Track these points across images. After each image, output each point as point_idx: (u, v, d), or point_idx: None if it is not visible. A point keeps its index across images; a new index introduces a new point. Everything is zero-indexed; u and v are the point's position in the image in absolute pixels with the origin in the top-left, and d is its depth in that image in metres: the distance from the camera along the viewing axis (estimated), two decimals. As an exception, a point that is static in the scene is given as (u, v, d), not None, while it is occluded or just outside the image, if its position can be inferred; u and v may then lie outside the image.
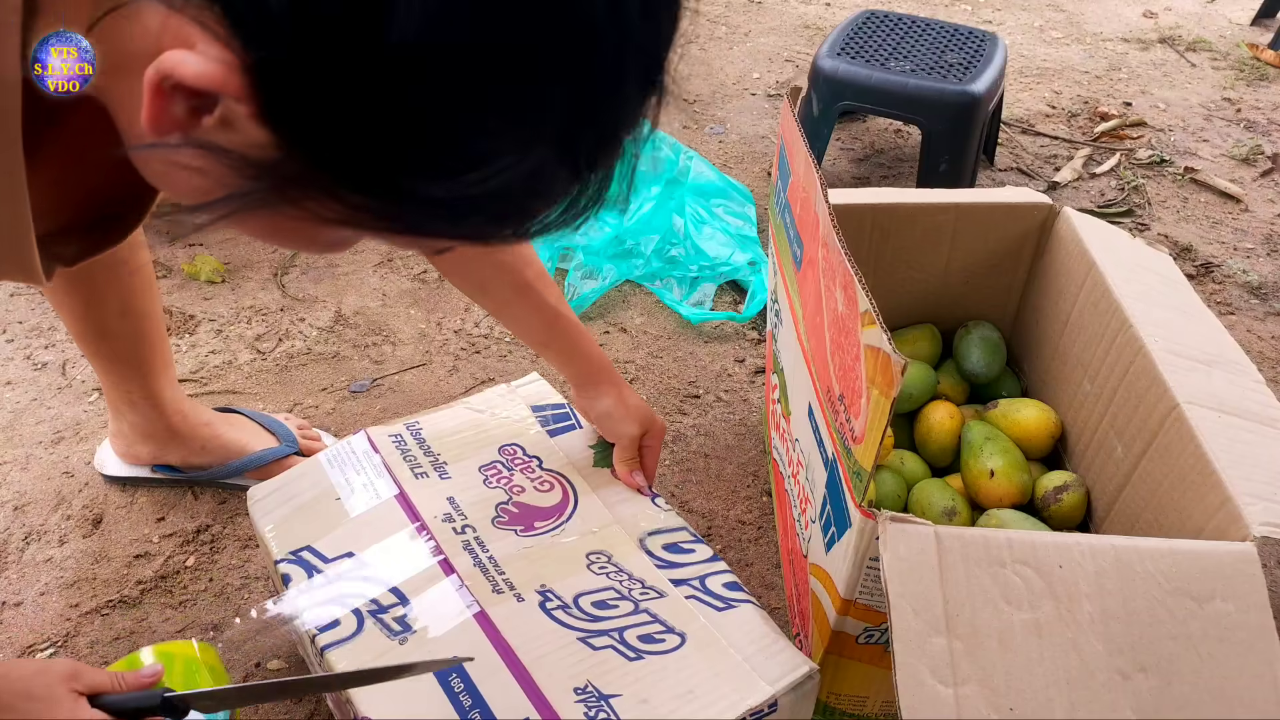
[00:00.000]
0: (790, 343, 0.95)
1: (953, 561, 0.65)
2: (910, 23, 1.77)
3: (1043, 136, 1.97)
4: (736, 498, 1.18)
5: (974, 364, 1.10)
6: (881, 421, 0.64)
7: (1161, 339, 0.85)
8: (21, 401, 1.26)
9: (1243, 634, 0.63)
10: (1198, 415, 0.78)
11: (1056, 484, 0.96)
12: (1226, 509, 0.71)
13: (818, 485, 0.83)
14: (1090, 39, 2.39)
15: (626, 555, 0.85)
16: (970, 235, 1.07)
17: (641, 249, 1.51)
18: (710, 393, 1.33)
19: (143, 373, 1.03)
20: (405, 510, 0.89)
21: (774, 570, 1.10)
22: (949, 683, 0.62)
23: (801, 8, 2.45)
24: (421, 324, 1.42)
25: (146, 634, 1.00)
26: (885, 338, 0.63)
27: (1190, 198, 1.81)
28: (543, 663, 0.76)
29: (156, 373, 1.04)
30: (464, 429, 0.98)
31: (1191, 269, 1.62)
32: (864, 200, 1.04)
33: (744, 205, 1.61)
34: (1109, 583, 0.65)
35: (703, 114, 1.97)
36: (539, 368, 1.35)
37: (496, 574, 0.83)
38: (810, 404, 0.86)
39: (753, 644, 0.78)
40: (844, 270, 0.72)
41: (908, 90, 1.57)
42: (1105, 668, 0.63)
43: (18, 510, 1.12)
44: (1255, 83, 2.22)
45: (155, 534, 1.10)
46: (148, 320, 1.01)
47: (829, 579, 0.78)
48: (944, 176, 1.60)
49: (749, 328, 1.44)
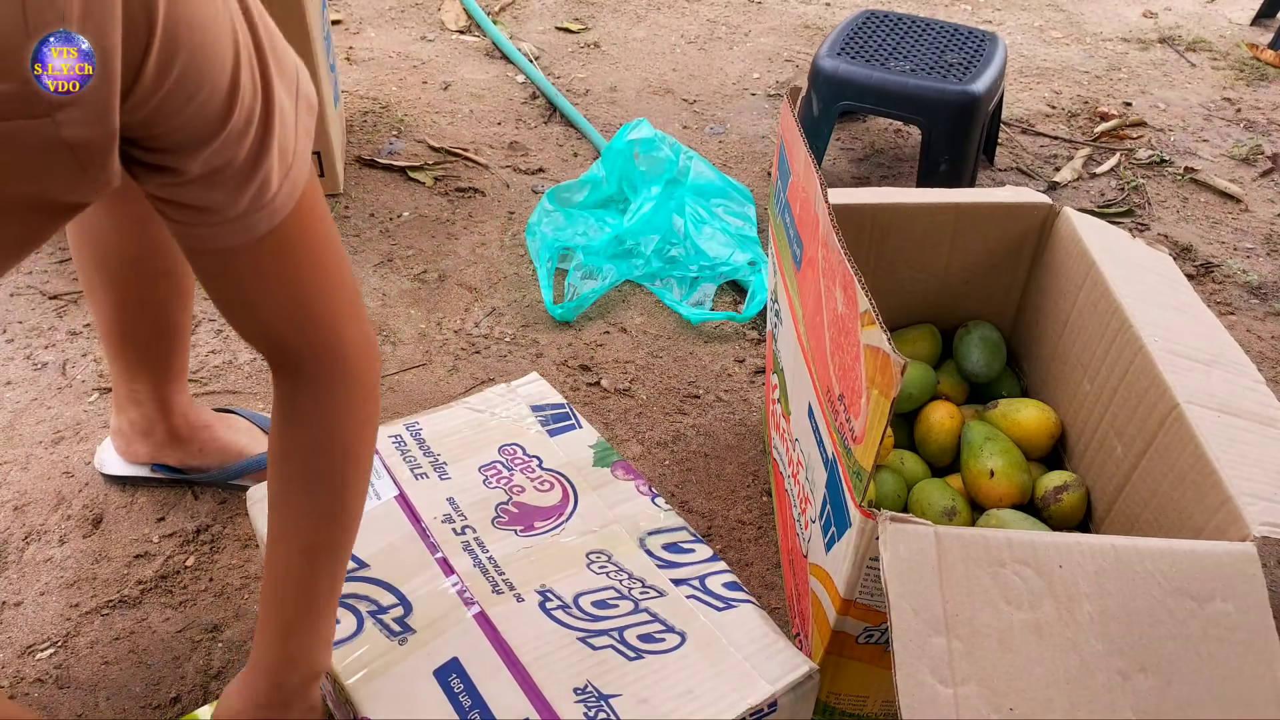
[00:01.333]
0: (790, 343, 0.95)
1: (953, 561, 0.65)
2: (910, 23, 1.77)
3: (1043, 136, 1.97)
4: (736, 498, 1.18)
5: (974, 364, 1.10)
6: (881, 421, 0.64)
7: (1161, 339, 0.85)
8: (21, 401, 1.26)
9: (1243, 634, 0.63)
10: (1198, 415, 0.78)
11: (1056, 484, 0.96)
12: (1226, 509, 0.71)
13: (818, 485, 0.83)
14: (1090, 39, 2.39)
15: (626, 555, 0.85)
16: (970, 235, 1.07)
17: (641, 249, 1.51)
18: (710, 393, 1.33)
19: (157, 376, 1.04)
20: (405, 511, 0.89)
21: (774, 570, 1.10)
22: (949, 683, 0.62)
23: (801, 8, 2.45)
24: (421, 324, 1.42)
25: (146, 634, 1.00)
26: (885, 338, 0.63)
27: (1190, 198, 1.81)
28: (543, 663, 0.76)
29: (170, 378, 1.05)
30: (464, 429, 0.98)
31: (1191, 269, 1.62)
32: (864, 200, 1.04)
33: (744, 205, 1.61)
34: (1109, 583, 0.65)
35: (703, 114, 1.97)
36: (539, 368, 1.35)
37: (496, 574, 0.83)
38: (810, 404, 0.86)
39: (753, 643, 0.78)
40: (844, 270, 0.72)
41: (908, 90, 1.57)
42: (1105, 668, 0.63)
43: (18, 510, 1.12)
44: (1255, 83, 2.22)
45: (155, 534, 1.10)
46: (177, 329, 1.03)
47: (829, 579, 0.78)
48: (944, 176, 1.60)
49: (749, 328, 1.44)
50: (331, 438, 0.65)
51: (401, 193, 1.68)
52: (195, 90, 0.46)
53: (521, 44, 2.17)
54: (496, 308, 1.45)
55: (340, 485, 0.67)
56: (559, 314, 1.42)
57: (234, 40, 0.47)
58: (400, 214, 1.63)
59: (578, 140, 1.85)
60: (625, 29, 2.28)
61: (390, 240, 1.57)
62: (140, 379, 1.03)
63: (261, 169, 0.52)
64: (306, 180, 0.56)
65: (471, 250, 1.56)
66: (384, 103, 1.93)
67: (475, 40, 2.18)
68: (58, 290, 1.42)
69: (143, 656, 0.98)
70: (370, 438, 0.69)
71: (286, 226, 0.55)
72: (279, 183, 0.53)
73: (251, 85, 0.49)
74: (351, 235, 1.58)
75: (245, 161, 0.51)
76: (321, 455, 0.66)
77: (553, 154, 1.81)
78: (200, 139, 0.48)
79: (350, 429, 0.66)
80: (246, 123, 0.49)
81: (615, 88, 2.04)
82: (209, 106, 0.47)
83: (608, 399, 1.31)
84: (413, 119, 1.88)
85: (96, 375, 1.29)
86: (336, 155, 1.63)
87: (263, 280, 0.58)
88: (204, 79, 0.46)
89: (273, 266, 0.57)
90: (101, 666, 0.97)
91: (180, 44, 0.44)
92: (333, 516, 0.68)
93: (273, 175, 0.52)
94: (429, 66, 2.07)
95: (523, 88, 2.01)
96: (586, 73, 2.09)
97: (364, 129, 1.84)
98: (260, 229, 0.54)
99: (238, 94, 0.48)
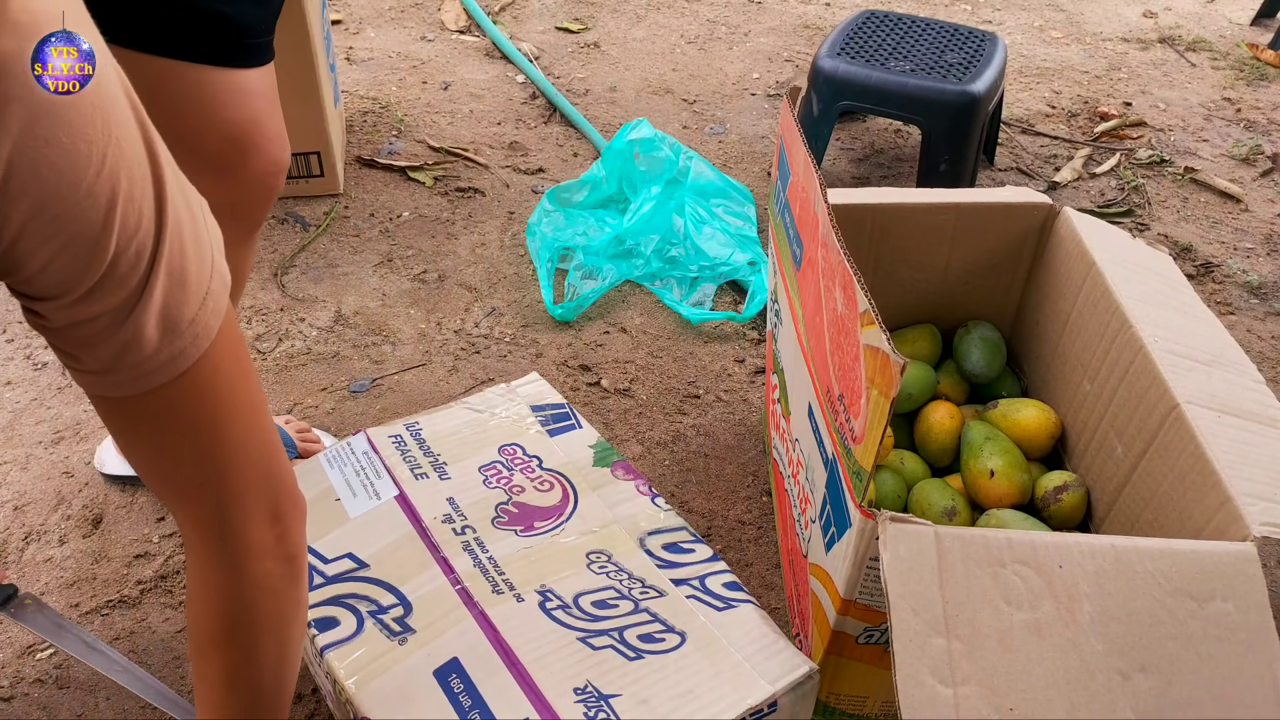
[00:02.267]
0: (790, 343, 0.95)
1: (952, 561, 0.65)
2: (910, 23, 1.77)
3: (1043, 136, 1.97)
4: (736, 498, 1.18)
5: (974, 364, 1.10)
6: (881, 421, 0.64)
7: (1161, 339, 0.85)
8: (21, 401, 1.26)
9: (1243, 634, 0.63)
10: (1198, 415, 0.77)
11: (1056, 484, 0.96)
12: (1226, 509, 0.71)
13: (818, 485, 0.83)
14: (1090, 39, 2.39)
15: (626, 555, 0.85)
16: (970, 235, 1.07)
17: (641, 249, 1.51)
18: (710, 393, 1.33)
19: None
20: (405, 511, 0.89)
21: (774, 570, 1.10)
22: (949, 683, 0.62)
23: (801, 8, 2.45)
24: (421, 324, 1.42)
25: (146, 634, 1.00)
26: (885, 338, 0.63)
27: (1190, 198, 1.81)
28: (543, 663, 0.76)
29: None
30: (463, 429, 0.98)
31: (1191, 269, 1.62)
32: (864, 200, 1.04)
33: (744, 205, 1.61)
34: (1109, 583, 0.65)
35: (703, 114, 1.97)
36: (539, 368, 1.35)
37: (496, 574, 0.83)
38: (810, 404, 0.86)
39: (753, 644, 0.78)
40: (844, 270, 0.72)
41: (908, 90, 1.57)
42: (1105, 668, 0.62)
43: (18, 510, 1.12)
44: (1255, 83, 2.22)
45: (155, 534, 1.10)
46: None
47: (829, 579, 0.78)
48: (944, 176, 1.60)
49: (749, 328, 1.44)
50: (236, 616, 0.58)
51: (401, 193, 1.68)
52: (46, 241, 0.43)
53: (521, 44, 2.17)
54: (496, 308, 1.45)
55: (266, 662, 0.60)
56: (559, 314, 1.42)
57: (110, 195, 0.44)
58: (400, 214, 1.63)
59: (578, 140, 1.85)
60: (625, 29, 2.28)
61: (390, 240, 1.57)
62: None
63: (126, 330, 0.48)
64: (210, 344, 0.52)
65: (471, 250, 1.56)
66: (384, 103, 1.93)
67: (475, 40, 2.18)
68: (58, 290, 1.42)
69: (142, 656, 0.98)
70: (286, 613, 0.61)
71: (178, 386, 0.51)
72: (156, 348, 0.49)
73: (134, 253, 0.46)
74: (351, 235, 1.58)
75: (108, 322, 0.47)
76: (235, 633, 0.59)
77: (553, 154, 1.81)
78: (56, 291, 0.45)
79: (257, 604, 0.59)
80: (115, 281, 0.46)
81: (615, 88, 2.04)
82: (62, 261, 0.44)
83: (608, 399, 1.31)
84: (413, 119, 1.88)
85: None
86: (336, 155, 1.63)
87: (154, 430, 0.53)
88: (60, 231, 0.43)
89: (160, 420, 0.53)
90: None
91: (26, 194, 0.41)
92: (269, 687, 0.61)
93: (146, 339, 0.48)
94: (429, 66, 2.07)
95: (523, 88, 2.01)
96: (586, 73, 2.09)
97: (364, 129, 1.84)
98: (132, 388, 0.50)
99: (106, 250, 0.44)
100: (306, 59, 1.46)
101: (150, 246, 0.47)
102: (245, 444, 0.56)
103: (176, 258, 0.49)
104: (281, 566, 0.60)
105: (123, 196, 0.45)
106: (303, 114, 1.51)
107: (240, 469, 0.56)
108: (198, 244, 0.50)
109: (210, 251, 0.52)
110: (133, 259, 0.46)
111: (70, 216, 0.43)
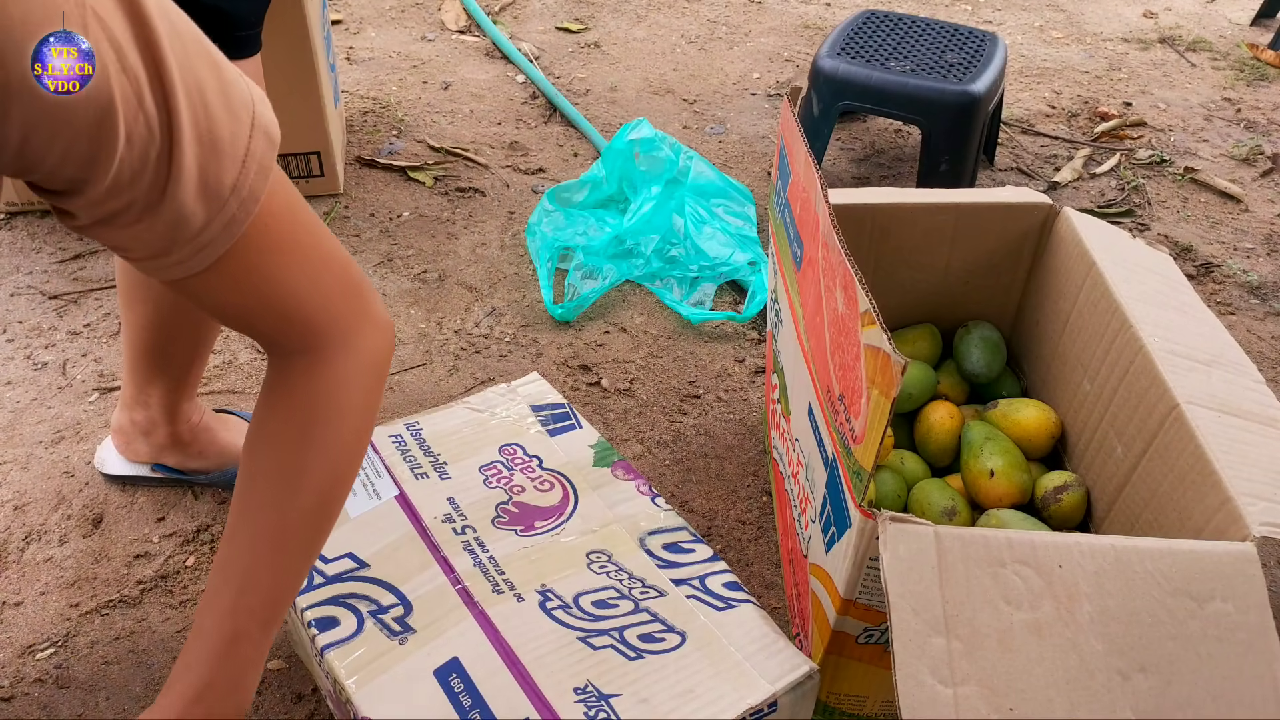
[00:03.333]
0: (790, 342, 0.95)
1: (952, 561, 0.65)
2: (910, 23, 1.77)
3: (1043, 136, 1.97)
4: (736, 498, 1.18)
5: (974, 364, 1.10)
6: (881, 421, 0.64)
7: (1161, 339, 0.85)
8: (21, 401, 1.26)
9: (1243, 634, 0.63)
10: (1198, 415, 0.78)
11: (1056, 484, 0.96)
12: (1226, 509, 0.71)
13: (818, 485, 0.83)
14: (1090, 39, 2.39)
15: (627, 555, 0.85)
16: (970, 235, 1.07)
17: (641, 249, 1.51)
18: (710, 393, 1.33)
19: (171, 386, 1.04)
20: (405, 511, 0.89)
21: (774, 570, 1.10)
22: (949, 683, 0.62)
23: (801, 8, 2.45)
24: (421, 324, 1.42)
25: (146, 634, 1.00)
26: (885, 338, 0.63)
27: (1190, 198, 1.81)
28: (543, 662, 0.76)
29: (184, 391, 1.06)
30: (464, 429, 0.98)
31: (1191, 269, 1.62)
32: (864, 200, 1.04)
33: (744, 205, 1.61)
34: (1109, 583, 0.65)
35: (703, 114, 1.97)
36: (539, 368, 1.35)
37: (496, 574, 0.83)
38: (810, 404, 0.86)
39: (753, 643, 0.78)
40: (844, 270, 0.72)
41: (908, 90, 1.57)
42: (1105, 668, 0.63)
43: (18, 510, 1.12)
44: (1255, 83, 2.22)
45: (155, 534, 1.10)
46: (202, 346, 1.03)
47: (829, 579, 0.78)
48: (944, 176, 1.60)
49: (749, 328, 1.44)
50: (319, 408, 0.59)
51: (401, 193, 1.68)
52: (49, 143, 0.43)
53: (521, 44, 2.17)
54: (496, 308, 1.45)
55: (326, 465, 0.60)
56: (559, 314, 1.42)
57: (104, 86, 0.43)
58: (400, 214, 1.63)
59: (578, 140, 1.85)
60: (625, 29, 2.28)
61: (390, 240, 1.57)
62: (154, 386, 1.04)
63: (166, 210, 0.48)
64: (259, 205, 0.52)
65: (471, 250, 1.56)
66: (384, 103, 1.93)
67: (475, 40, 2.18)
68: (58, 290, 1.42)
69: (143, 656, 0.98)
70: (365, 421, 0.61)
71: (238, 252, 0.52)
72: (207, 219, 0.49)
73: (144, 132, 0.45)
74: (351, 235, 1.58)
75: (143, 206, 0.47)
76: (313, 423, 0.59)
77: (553, 154, 1.81)
78: (74, 187, 0.45)
79: (344, 399, 0.59)
80: (134, 170, 0.46)
81: (615, 88, 2.04)
82: (71, 157, 0.44)
83: (608, 399, 1.31)
84: (413, 119, 1.88)
85: (96, 375, 1.29)
86: (336, 155, 1.63)
87: (229, 297, 0.54)
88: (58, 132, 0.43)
89: (231, 289, 0.54)
90: (101, 666, 0.97)
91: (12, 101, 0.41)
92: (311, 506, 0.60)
93: (190, 214, 0.48)
94: (429, 66, 2.07)
95: (523, 88, 2.01)
96: (586, 73, 2.09)
97: (364, 129, 1.84)
98: (198, 264, 0.51)
99: (114, 144, 0.44)
100: (306, 59, 1.46)
101: (167, 127, 0.46)
102: (322, 279, 0.58)
103: (202, 123, 0.47)
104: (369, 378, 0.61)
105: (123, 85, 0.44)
106: (303, 114, 1.51)
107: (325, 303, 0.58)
108: (227, 102, 0.49)
109: (247, 108, 0.50)
110: (145, 143, 0.45)
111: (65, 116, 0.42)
